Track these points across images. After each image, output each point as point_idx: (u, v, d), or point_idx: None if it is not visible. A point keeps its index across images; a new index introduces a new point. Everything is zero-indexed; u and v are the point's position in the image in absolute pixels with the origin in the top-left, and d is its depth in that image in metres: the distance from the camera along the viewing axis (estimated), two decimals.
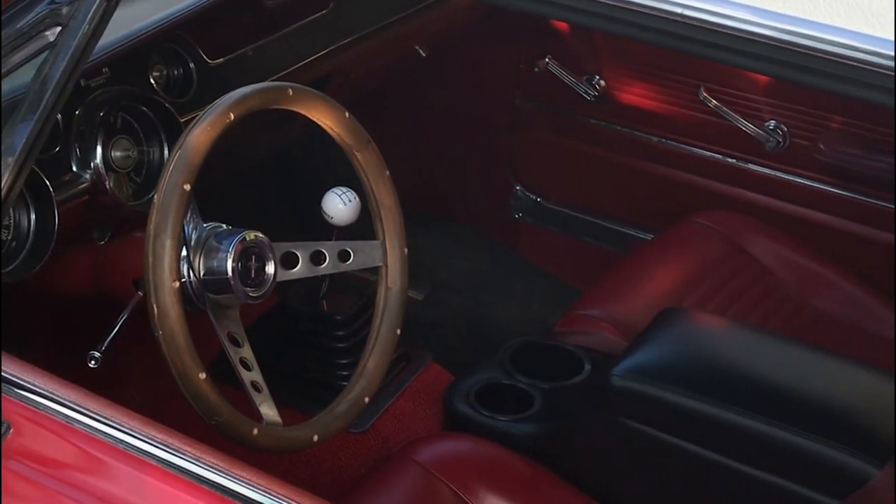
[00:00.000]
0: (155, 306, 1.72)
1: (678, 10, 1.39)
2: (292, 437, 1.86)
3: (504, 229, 3.24)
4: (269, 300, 1.95)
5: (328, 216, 2.24)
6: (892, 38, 1.30)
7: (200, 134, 1.77)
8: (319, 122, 1.94)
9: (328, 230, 2.23)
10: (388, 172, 2.01)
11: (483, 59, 3.13)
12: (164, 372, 1.74)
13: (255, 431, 1.79)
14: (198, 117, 1.80)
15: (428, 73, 3.09)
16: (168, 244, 1.73)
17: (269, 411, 1.86)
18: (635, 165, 3.01)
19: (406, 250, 2.03)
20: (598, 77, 2.97)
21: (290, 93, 1.89)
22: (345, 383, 2.01)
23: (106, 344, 1.84)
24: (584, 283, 2.91)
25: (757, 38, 1.38)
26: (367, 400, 1.98)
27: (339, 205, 2.23)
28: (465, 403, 2.33)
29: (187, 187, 1.75)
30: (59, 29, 1.69)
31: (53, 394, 1.57)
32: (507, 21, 3.01)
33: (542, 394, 2.35)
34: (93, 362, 1.83)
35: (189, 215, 1.82)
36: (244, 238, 1.85)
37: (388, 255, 2.01)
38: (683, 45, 1.42)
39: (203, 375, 1.75)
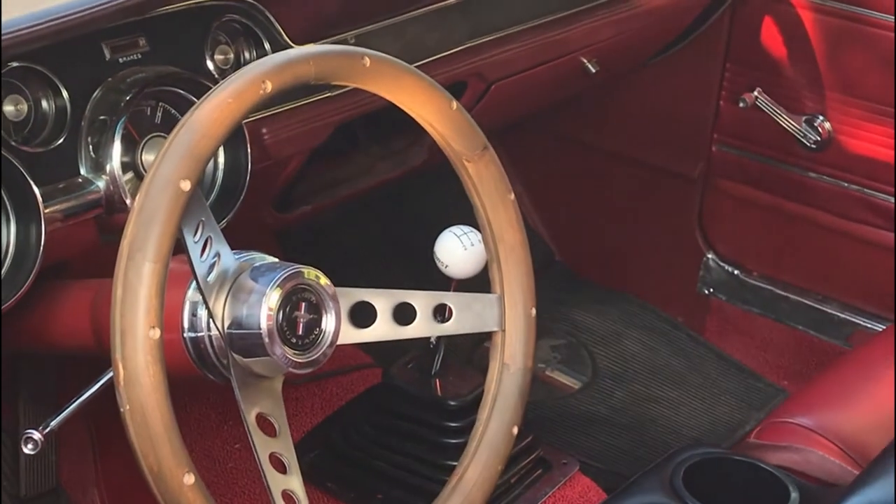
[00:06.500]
0: (120, 366, 1.18)
1: None
2: None
3: (689, 307, 2.92)
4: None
5: (441, 263, 1.83)
6: None
7: (217, 107, 1.24)
8: (411, 113, 1.42)
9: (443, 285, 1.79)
10: (512, 196, 1.51)
11: (671, 85, 2.80)
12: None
13: None
14: (220, 83, 1.28)
15: (596, 97, 2.75)
16: (147, 270, 1.18)
17: None
18: (865, 234, 2.64)
19: (534, 311, 1.53)
20: (821, 117, 2.62)
21: (367, 63, 1.35)
22: None
23: (57, 421, 1.30)
24: (791, 381, 2.69)
25: None
26: None
27: (457, 249, 1.82)
28: None
29: (186, 185, 1.21)
30: None
31: None
32: (709, 36, 2.65)
33: None
34: (30, 446, 1.29)
35: (204, 236, 1.29)
36: (293, 275, 1.33)
37: (506, 315, 1.52)
38: None
39: (191, 479, 1.21)
